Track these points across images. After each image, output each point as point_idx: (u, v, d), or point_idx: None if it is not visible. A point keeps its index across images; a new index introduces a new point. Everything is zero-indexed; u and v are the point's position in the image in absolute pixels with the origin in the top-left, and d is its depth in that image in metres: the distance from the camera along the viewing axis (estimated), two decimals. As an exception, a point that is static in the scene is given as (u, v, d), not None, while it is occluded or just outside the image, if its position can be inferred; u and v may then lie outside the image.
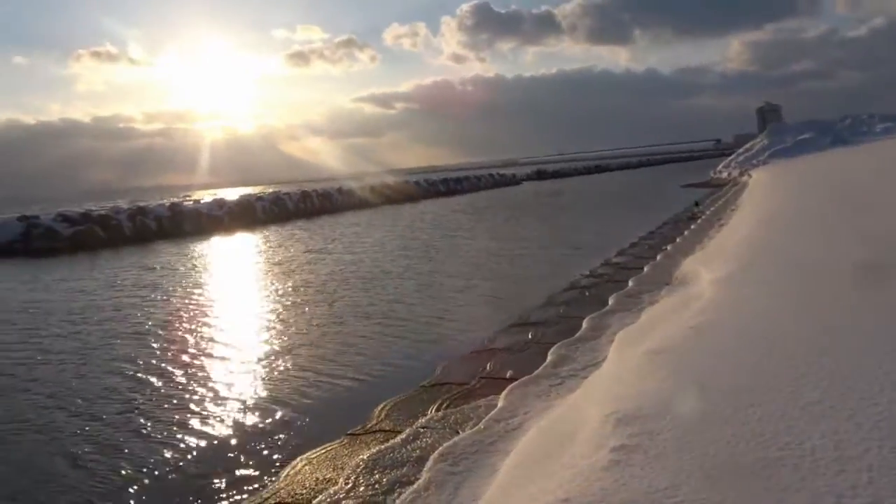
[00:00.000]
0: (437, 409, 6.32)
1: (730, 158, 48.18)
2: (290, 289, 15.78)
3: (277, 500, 4.97)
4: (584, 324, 8.47)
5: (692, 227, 18.24)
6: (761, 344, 4.56)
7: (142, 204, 35.84)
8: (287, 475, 5.40)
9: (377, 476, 4.91)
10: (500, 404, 5.82)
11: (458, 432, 5.56)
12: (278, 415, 7.51)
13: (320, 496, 4.73)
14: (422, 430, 5.75)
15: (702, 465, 2.96)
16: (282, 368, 9.27)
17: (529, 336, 8.85)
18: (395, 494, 4.58)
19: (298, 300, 14.21)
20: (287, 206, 42.06)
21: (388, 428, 6.21)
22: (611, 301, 9.67)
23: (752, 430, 3.19)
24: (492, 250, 20.91)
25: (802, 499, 2.56)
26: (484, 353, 8.54)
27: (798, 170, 30.87)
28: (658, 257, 13.38)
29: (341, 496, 4.65)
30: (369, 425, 6.37)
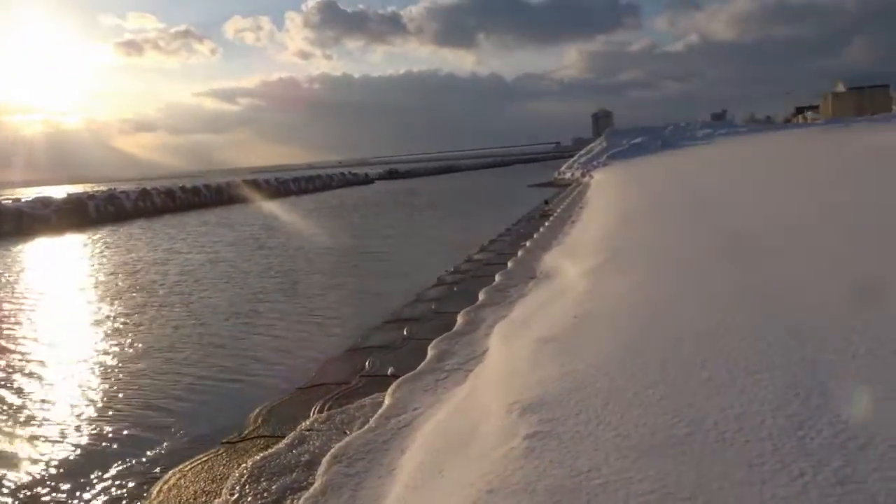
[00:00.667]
0: (320, 411, 6.06)
1: (572, 160, 50.99)
2: (139, 289, 14.65)
3: (152, 520, 4.52)
4: (459, 318, 8.51)
5: (546, 223, 19.03)
6: (647, 328, 4.79)
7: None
8: (160, 491, 4.93)
9: (264, 484, 4.60)
10: (386, 402, 5.68)
11: (346, 433, 5.36)
12: (141, 425, 6.90)
13: (203, 512, 4.36)
14: (306, 433, 5.48)
15: (617, 445, 3.02)
16: (140, 373, 8.55)
17: (405, 333, 8.76)
18: (288, 502, 4.32)
19: (151, 301, 13.21)
20: (124, 204, 39.10)
21: (267, 433, 5.87)
22: (481, 296, 9.81)
23: (657, 410, 3.31)
24: (353, 248, 20.65)
25: (718, 468, 2.67)
26: (359, 351, 8.35)
27: (636, 171, 33.26)
28: (519, 253, 13.79)
29: (227, 510, 4.31)
30: (246, 432, 6.00)
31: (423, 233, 24.51)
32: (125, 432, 6.78)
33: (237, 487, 4.61)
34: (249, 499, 4.42)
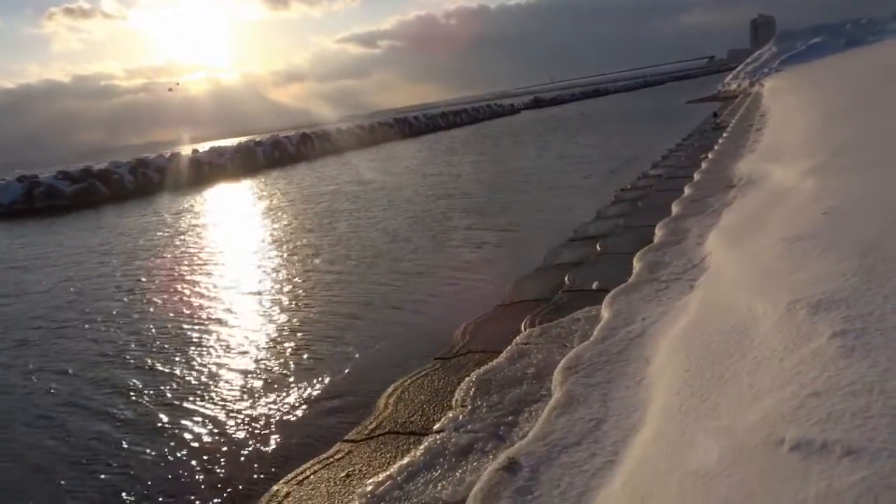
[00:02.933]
0: (531, 325, 5.81)
1: (737, 69, 46.78)
2: (328, 215, 15.29)
3: (388, 428, 4.49)
4: (658, 231, 7.88)
5: (724, 135, 17.52)
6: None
7: (142, 157, 34.82)
8: (385, 404, 4.91)
9: (495, 397, 4.41)
10: (606, 314, 5.28)
11: (566, 346, 5.07)
12: (349, 346, 7.06)
13: (440, 423, 4.24)
14: (524, 346, 5.24)
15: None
16: (344, 294, 8.89)
17: (598, 248, 8.30)
18: (526, 414, 4.10)
19: (337, 227, 13.73)
20: (287, 149, 41.06)
21: (478, 349, 5.72)
22: (675, 208, 9.06)
23: None
24: (518, 170, 20.28)
25: None
26: (551, 269, 8.01)
27: (818, 72, 29.80)
28: (703, 165, 12.72)
29: (464, 420, 4.16)
30: (456, 349, 5.89)
31: (584, 154, 23.51)
32: (340, 349, 6.96)
33: (467, 400, 4.45)
34: (484, 410, 4.24)
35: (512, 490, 3.05)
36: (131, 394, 6.55)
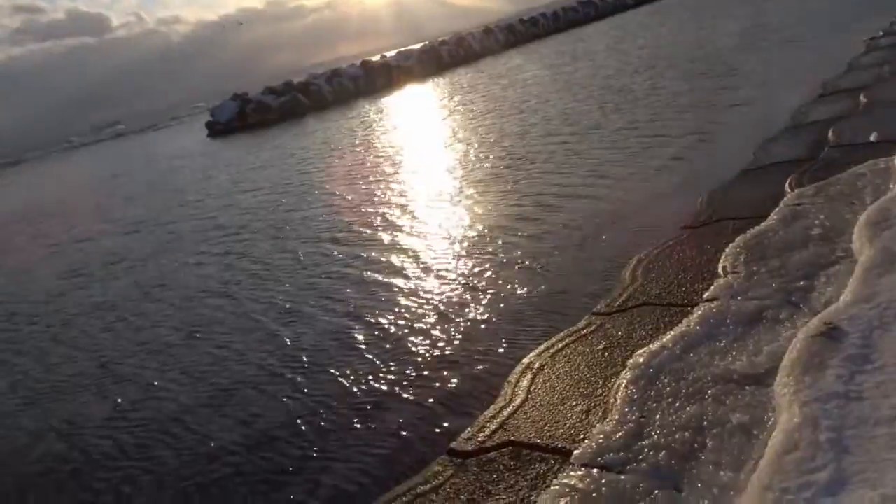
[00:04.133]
0: (798, 185, 4.93)
1: None
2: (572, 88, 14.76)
3: (642, 300, 4.02)
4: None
5: None
6: None
7: (336, 67, 36.08)
8: (632, 276, 4.41)
9: (774, 262, 3.72)
10: (905, 164, 4.29)
11: (853, 203, 4.18)
12: (596, 214, 6.61)
13: (710, 291, 3.67)
14: (797, 208, 4.42)
15: None
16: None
17: (862, 99, 6.94)
18: (823, 278, 3.39)
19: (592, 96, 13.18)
20: (472, 45, 40.32)
21: (731, 216, 4.98)
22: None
23: None
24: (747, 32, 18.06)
25: None
26: (804, 127, 6.86)
27: None
28: None
29: (741, 287, 3.55)
30: (703, 217, 5.19)
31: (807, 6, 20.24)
32: (586, 223, 6.55)
33: (739, 266, 3.82)
34: (765, 276, 3.59)
35: (841, 358, 2.45)
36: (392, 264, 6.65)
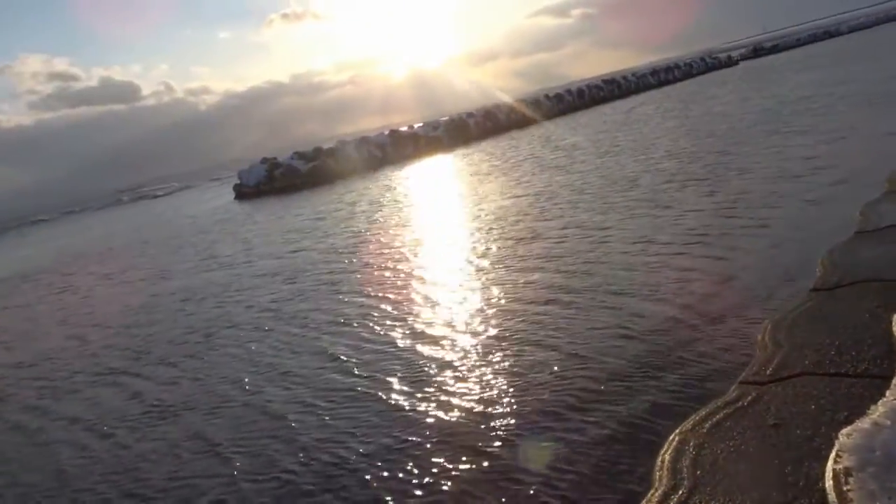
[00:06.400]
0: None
1: None
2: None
3: (799, 369, 3.38)
4: None
5: None
6: None
7: (365, 135, 36.43)
8: (770, 341, 3.79)
9: (972, 326, 3.11)
10: None
11: None
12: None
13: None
14: (966, 267, 3.83)
15: None
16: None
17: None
18: None
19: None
20: (499, 118, 40.75)
21: (869, 277, 4.39)
22: None
23: None
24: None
25: None
26: (910, 190, 6.32)
27: None
28: None
29: (950, 354, 2.93)
30: (833, 279, 4.59)
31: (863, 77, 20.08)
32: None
33: (927, 329, 3.20)
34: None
35: None
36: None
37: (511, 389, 4.47)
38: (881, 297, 4.01)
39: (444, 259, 9.04)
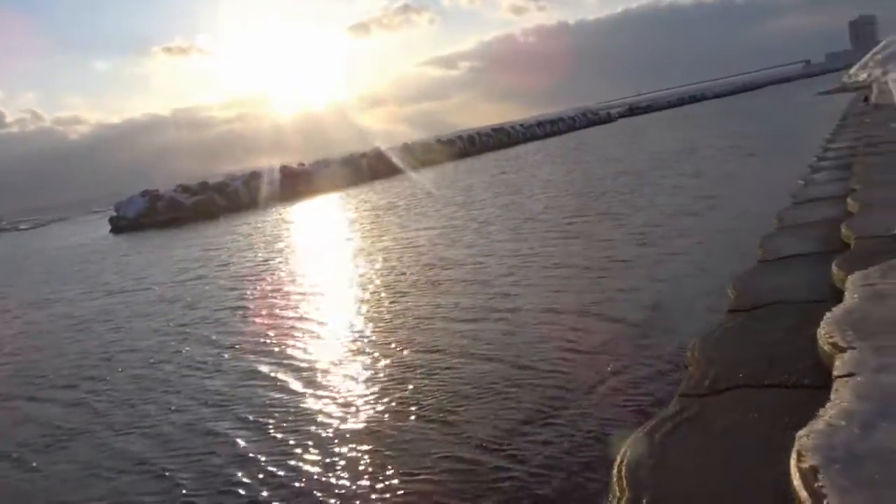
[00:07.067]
0: (847, 271, 4.63)
1: (864, 60, 43.58)
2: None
3: (732, 382, 3.43)
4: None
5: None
6: None
7: (255, 170, 35.51)
8: (701, 357, 3.86)
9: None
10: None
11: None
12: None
13: (841, 367, 3.13)
14: (871, 287, 4.07)
15: None
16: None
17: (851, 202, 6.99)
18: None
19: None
20: (391, 160, 41.02)
21: (780, 299, 4.61)
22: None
23: None
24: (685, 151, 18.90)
25: None
26: (797, 228, 6.79)
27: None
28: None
29: (883, 363, 3.05)
30: (748, 302, 4.78)
31: (737, 143, 21.59)
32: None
33: (856, 342, 3.34)
34: (899, 349, 3.12)
35: None
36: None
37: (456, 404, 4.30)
38: (795, 317, 4.20)
39: (358, 284, 8.84)
